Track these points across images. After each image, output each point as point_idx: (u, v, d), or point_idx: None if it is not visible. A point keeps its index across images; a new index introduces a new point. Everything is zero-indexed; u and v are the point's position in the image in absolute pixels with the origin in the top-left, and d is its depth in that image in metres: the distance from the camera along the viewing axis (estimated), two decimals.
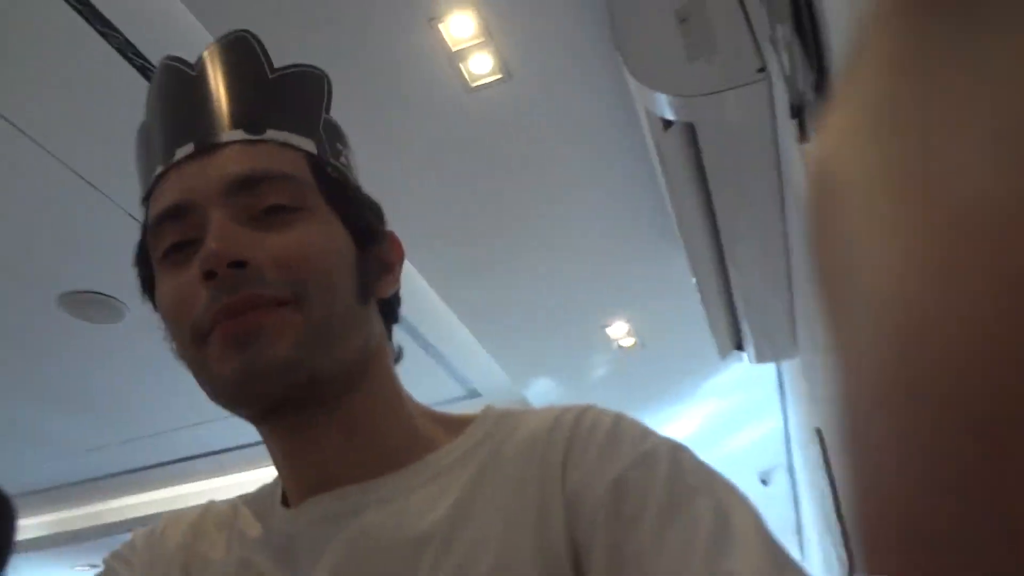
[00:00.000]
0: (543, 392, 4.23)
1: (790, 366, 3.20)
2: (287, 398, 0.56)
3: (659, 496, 0.49)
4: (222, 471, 5.13)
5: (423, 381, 4.94)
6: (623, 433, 0.55)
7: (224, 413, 0.59)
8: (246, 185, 0.56)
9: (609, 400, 0.59)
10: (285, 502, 0.62)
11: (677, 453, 0.53)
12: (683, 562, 0.45)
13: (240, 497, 0.68)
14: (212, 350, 0.54)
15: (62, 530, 5.93)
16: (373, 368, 0.61)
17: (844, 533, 2.10)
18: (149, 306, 0.63)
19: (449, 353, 3.83)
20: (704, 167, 1.94)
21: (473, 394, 4.59)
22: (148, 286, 0.61)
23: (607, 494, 0.51)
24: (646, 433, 0.55)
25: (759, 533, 0.47)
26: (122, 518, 5.64)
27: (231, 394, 0.56)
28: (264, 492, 0.66)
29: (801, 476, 4.52)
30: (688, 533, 0.47)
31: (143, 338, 3.11)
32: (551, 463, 0.55)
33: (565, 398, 4.31)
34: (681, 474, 0.51)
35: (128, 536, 0.67)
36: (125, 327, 3.05)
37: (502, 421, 0.62)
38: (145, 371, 3.46)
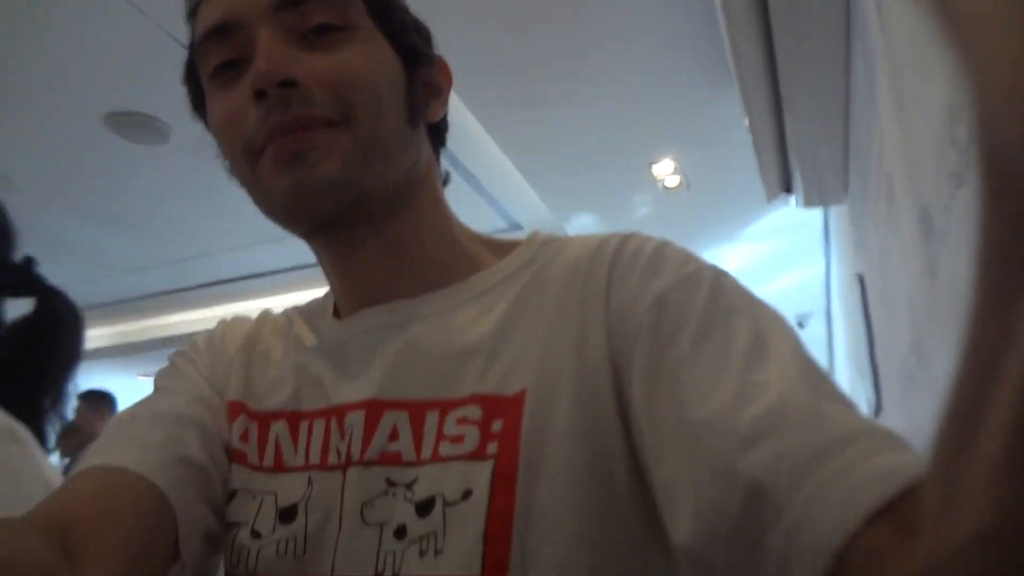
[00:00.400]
0: (584, 228, 4.23)
1: (838, 213, 3.14)
2: (337, 215, 0.57)
3: (699, 313, 0.49)
4: (268, 292, 5.32)
5: (465, 212, 4.88)
6: (667, 256, 0.55)
7: (269, 236, 0.60)
8: (292, 3, 0.55)
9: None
10: (337, 314, 0.65)
11: (720, 276, 0.53)
12: (717, 373, 0.45)
13: (293, 308, 0.70)
14: (264, 167, 0.55)
15: (122, 342, 6.29)
16: (421, 190, 0.62)
17: (875, 376, 2.13)
18: (195, 128, 0.63)
19: (491, 185, 3.81)
20: (768, 8, 1.83)
21: (514, 227, 4.62)
22: (198, 104, 0.62)
23: (648, 311, 0.51)
24: (690, 257, 0.55)
25: (796, 351, 0.46)
26: (178, 332, 5.96)
27: (284, 210, 0.57)
28: (316, 304, 0.69)
29: (837, 322, 4.55)
30: (725, 347, 0.46)
31: (189, 160, 3.15)
32: (595, 284, 0.55)
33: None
34: (722, 295, 0.50)
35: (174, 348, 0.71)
36: (171, 149, 3.08)
37: (548, 245, 0.62)
38: (192, 193, 3.53)
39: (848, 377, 3.65)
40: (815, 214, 3.83)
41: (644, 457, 0.49)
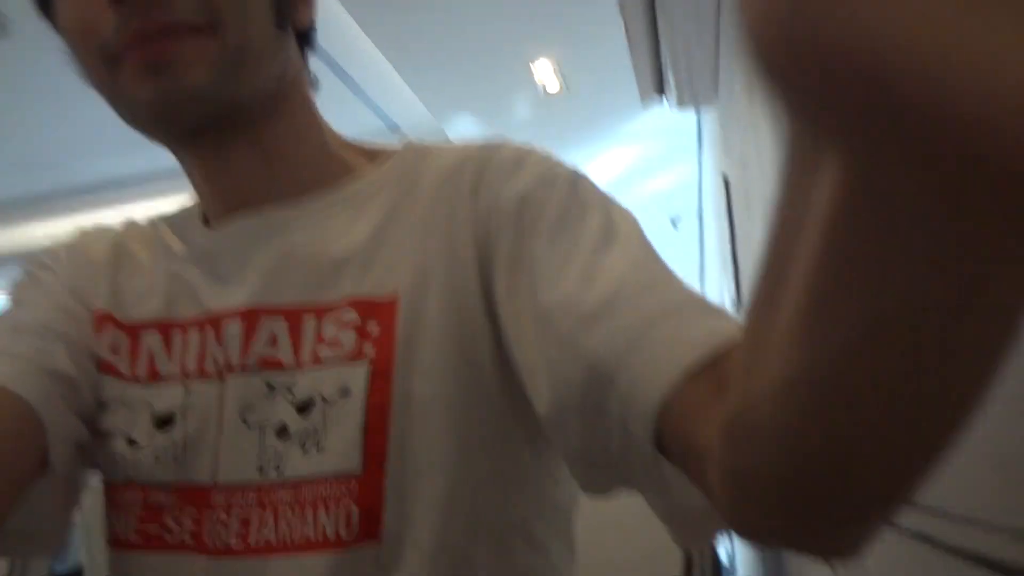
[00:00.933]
0: (464, 130, 4.18)
1: (709, 114, 3.22)
2: (205, 124, 0.55)
3: (557, 208, 0.52)
4: (128, 200, 5.04)
5: (342, 115, 4.79)
6: (531, 159, 0.57)
7: (129, 141, 0.57)
8: None
9: (530, 141, 0.60)
10: (206, 222, 0.63)
11: (578, 177, 0.56)
12: (567, 260, 0.49)
13: (159, 216, 0.68)
14: (125, 75, 0.51)
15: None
16: (291, 95, 0.60)
17: (736, 273, 2.25)
18: (40, 22, 0.58)
19: (368, 86, 3.69)
20: None
21: (393, 129, 4.51)
22: (43, 2, 0.56)
23: (511, 208, 0.54)
24: (553, 161, 0.57)
25: (640, 241, 0.51)
26: (32, 245, 5.58)
27: (148, 121, 0.54)
28: (183, 213, 0.66)
29: (708, 222, 4.74)
30: (577, 238, 0.50)
31: (35, 56, 2.89)
32: (464, 188, 0.57)
33: (487, 138, 4.28)
34: (578, 193, 0.54)
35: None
36: (12, 44, 2.81)
37: (420, 153, 0.62)
38: (39, 94, 3.25)
39: (717, 273, 3.84)
40: (689, 116, 3.92)
41: (508, 345, 0.52)
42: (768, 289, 0.26)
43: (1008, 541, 0.42)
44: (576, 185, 0.55)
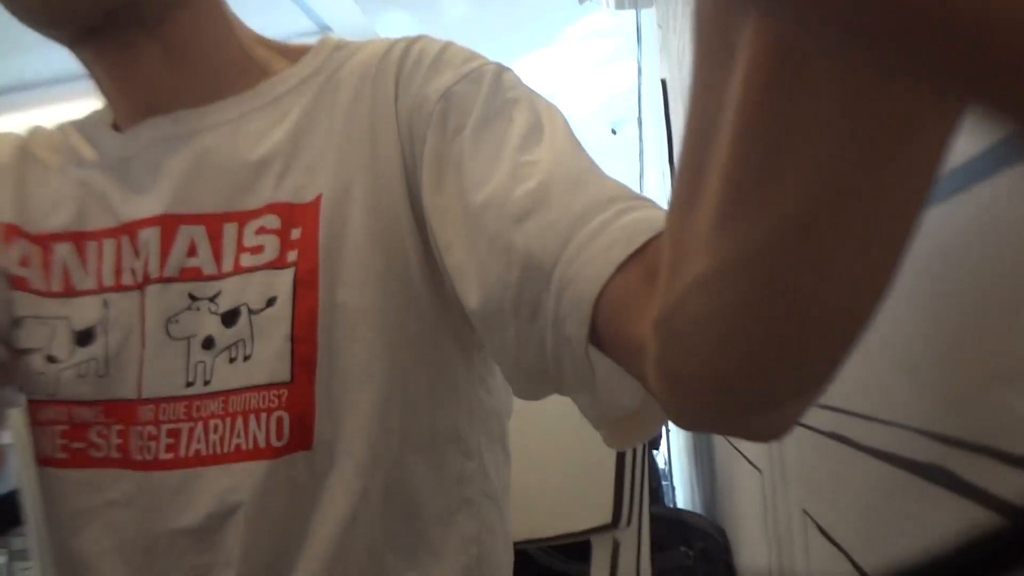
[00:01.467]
0: (397, 28, 4.02)
1: (648, 16, 3.16)
2: (100, 21, 0.52)
3: (481, 104, 0.51)
4: (29, 106, 4.76)
5: (268, 15, 4.55)
6: (451, 55, 0.55)
7: (26, 42, 0.53)
8: None
9: (466, 42, 0.57)
10: (117, 128, 0.60)
11: (502, 71, 0.55)
12: (495, 157, 0.48)
13: (68, 122, 0.64)
14: None
15: None
16: None
17: (673, 177, 2.26)
18: None
19: None
20: None
21: (324, 28, 4.32)
22: None
23: (435, 107, 0.52)
24: (474, 55, 0.56)
25: (566, 135, 0.50)
26: None
27: (41, 19, 0.51)
28: (93, 119, 0.63)
29: (647, 127, 4.73)
30: (502, 134, 0.49)
31: None
32: (383, 87, 0.55)
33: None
34: (503, 87, 0.53)
35: None
36: None
37: (338, 50, 0.60)
38: None
39: (655, 181, 3.86)
40: (628, 18, 3.85)
41: (436, 247, 0.51)
42: (688, 183, 0.25)
43: (915, 440, 0.43)
44: (500, 80, 0.53)
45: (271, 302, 0.52)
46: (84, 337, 0.56)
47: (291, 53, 0.62)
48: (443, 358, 0.56)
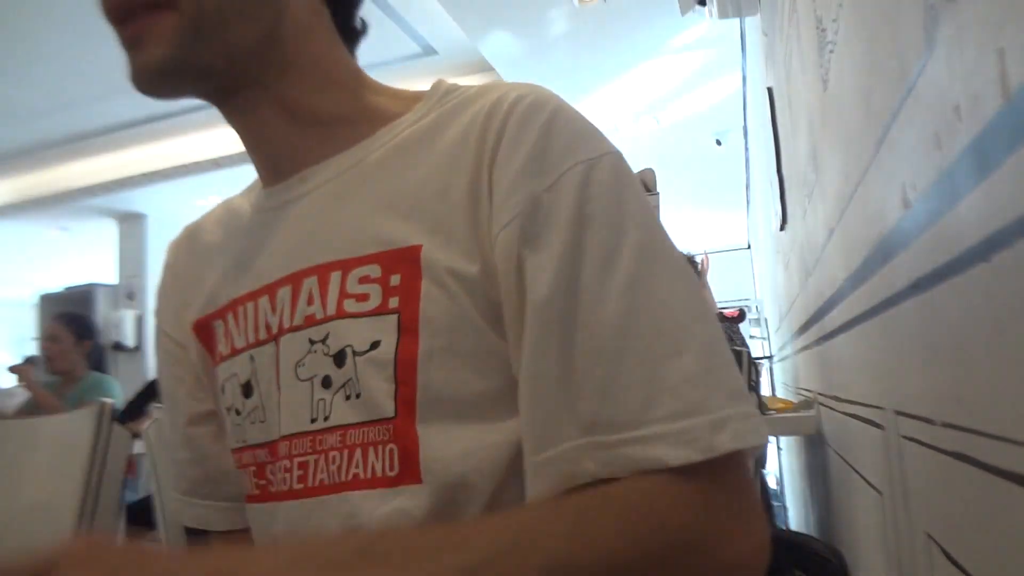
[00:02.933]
0: (501, 49, 4.09)
1: (752, 24, 3.09)
2: (197, 90, 0.59)
3: (564, 219, 0.52)
4: (170, 134, 5.07)
5: (375, 38, 4.69)
6: (553, 142, 0.54)
7: None
8: None
9: (569, 58, 0.58)
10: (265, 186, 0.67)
11: (591, 174, 0.53)
12: (558, 276, 0.51)
13: (245, 190, 0.74)
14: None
15: (27, 197, 5.99)
16: (302, 43, 0.61)
17: (781, 187, 2.20)
18: None
19: (400, 5, 3.61)
20: None
21: (429, 51, 4.44)
22: None
23: (522, 208, 0.53)
24: (573, 143, 0.55)
25: (643, 275, 0.51)
26: (84, 184, 5.69)
27: (138, 89, 0.57)
28: (256, 182, 0.71)
29: (753, 137, 4.62)
30: (576, 257, 0.51)
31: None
32: (486, 148, 0.56)
33: (524, 56, 4.19)
34: (586, 201, 0.53)
35: (91, 200, 0.75)
36: None
37: (449, 95, 0.63)
38: (77, 32, 3.25)
39: (762, 190, 3.75)
40: (732, 27, 3.77)
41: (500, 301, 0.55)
42: None
43: None
44: (585, 189, 0.53)
45: (375, 345, 0.55)
46: (247, 389, 0.63)
47: (405, 99, 0.65)
48: (510, 398, 0.57)
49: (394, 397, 0.54)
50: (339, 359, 0.56)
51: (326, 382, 0.57)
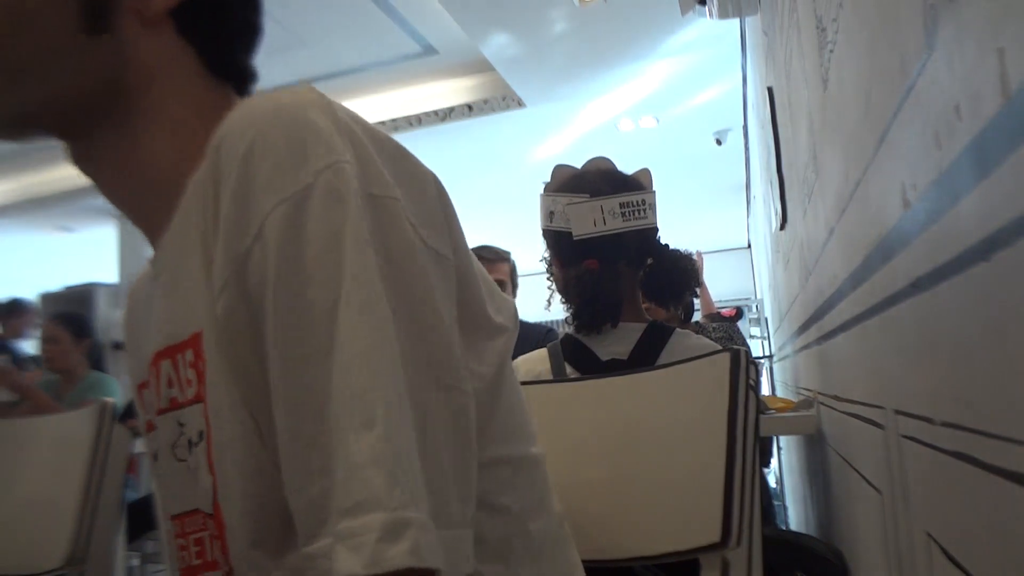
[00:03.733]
0: (501, 49, 4.09)
1: (753, 23, 3.09)
2: (16, 136, 0.57)
3: (271, 282, 0.46)
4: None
5: (375, 38, 4.74)
6: (251, 179, 0.47)
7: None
8: None
9: (569, 58, 0.56)
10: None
11: (298, 215, 0.45)
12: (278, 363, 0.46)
13: None
14: None
15: (27, 196, 5.99)
16: (144, 93, 0.57)
17: (781, 187, 2.20)
18: None
19: (400, 5, 3.61)
20: None
21: (429, 51, 4.44)
22: None
23: (227, 278, 0.48)
24: (275, 175, 0.46)
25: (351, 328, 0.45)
26: (84, 183, 5.69)
27: None
28: None
29: (753, 136, 4.62)
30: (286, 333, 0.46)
31: None
32: (207, 212, 0.50)
33: (524, 56, 4.19)
34: (295, 253, 0.45)
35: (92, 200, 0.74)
36: None
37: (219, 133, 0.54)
38: None
39: (762, 189, 3.76)
40: (732, 26, 3.77)
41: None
42: None
43: None
44: (297, 231, 0.45)
45: (201, 435, 0.53)
46: (153, 460, 0.62)
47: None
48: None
49: (212, 491, 0.52)
50: (191, 445, 0.55)
51: (193, 465, 0.56)
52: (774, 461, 4.46)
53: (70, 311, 3.76)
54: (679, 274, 1.50)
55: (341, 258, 0.45)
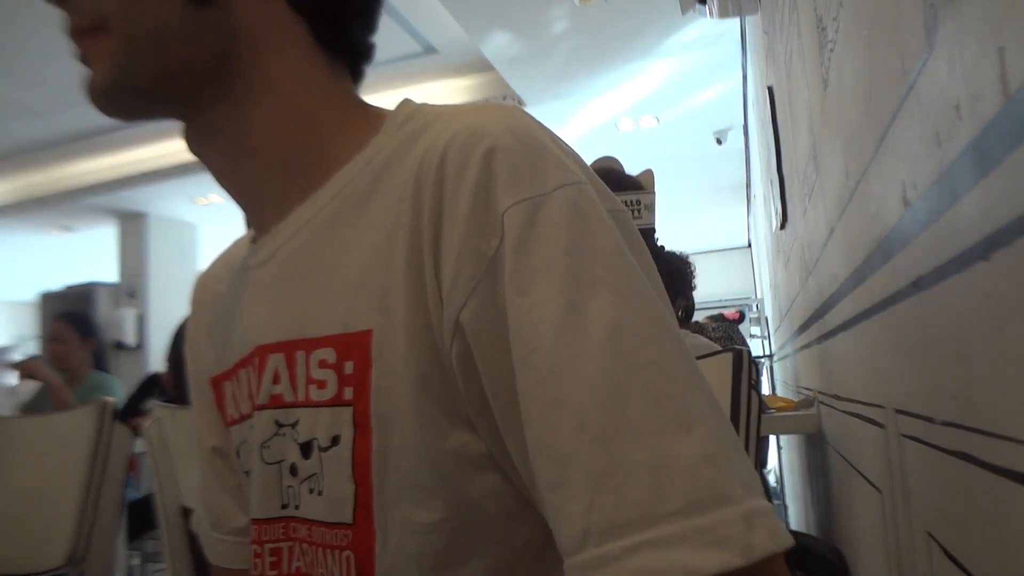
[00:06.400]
0: (502, 48, 4.09)
1: (753, 23, 3.09)
2: (148, 114, 0.57)
3: (508, 280, 0.44)
4: (172, 134, 5.04)
5: (375, 37, 4.69)
6: (492, 185, 0.46)
7: None
8: None
9: (569, 57, 0.55)
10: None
11: (537, 215, 0.45)
12: (523, 338, 0.43)
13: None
14: None
15: (28, 196, 6.00)
16: (258, 68, 0.56)
17: (781, 186, 2.19)
18: None
19: (400, 4, 3.61)
20: None
21: (429, 50, 4.44)
22: None
23: (477, 282, 0.46)
24: (515, 180, 0.46)
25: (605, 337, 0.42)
26: (85, 183, 5.70)
27: (97, 110, 0.57)
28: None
29: (753, 135, 4.62)
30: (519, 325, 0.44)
31: None
32: (425, 211, 0.48)
33: (524, 55, 4.19)
34: (531, 248, 0.44)
35: (92, 199, 0.73)
36: None
37: (405, 127, 0.55)
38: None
39: (762, 189, 3.76)
40: (732, 25, 3.77)
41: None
42: None
43: None
44: (531, 230, 0.44)
45: (335, 440, 0.51)
46: (238, 456, 0.63)
47: (365, 130, 0.57)
48: (488, 495, 0.51)
49: (353, 500, 0.50)
50: (306, 450, 0.53)
51: (293, 470, 0.54)
52: (773, 461, 4.46)
53: (74, 310, 3.75)
54: (672, 276, 1.50)
55: (624, 263, 0.45)
